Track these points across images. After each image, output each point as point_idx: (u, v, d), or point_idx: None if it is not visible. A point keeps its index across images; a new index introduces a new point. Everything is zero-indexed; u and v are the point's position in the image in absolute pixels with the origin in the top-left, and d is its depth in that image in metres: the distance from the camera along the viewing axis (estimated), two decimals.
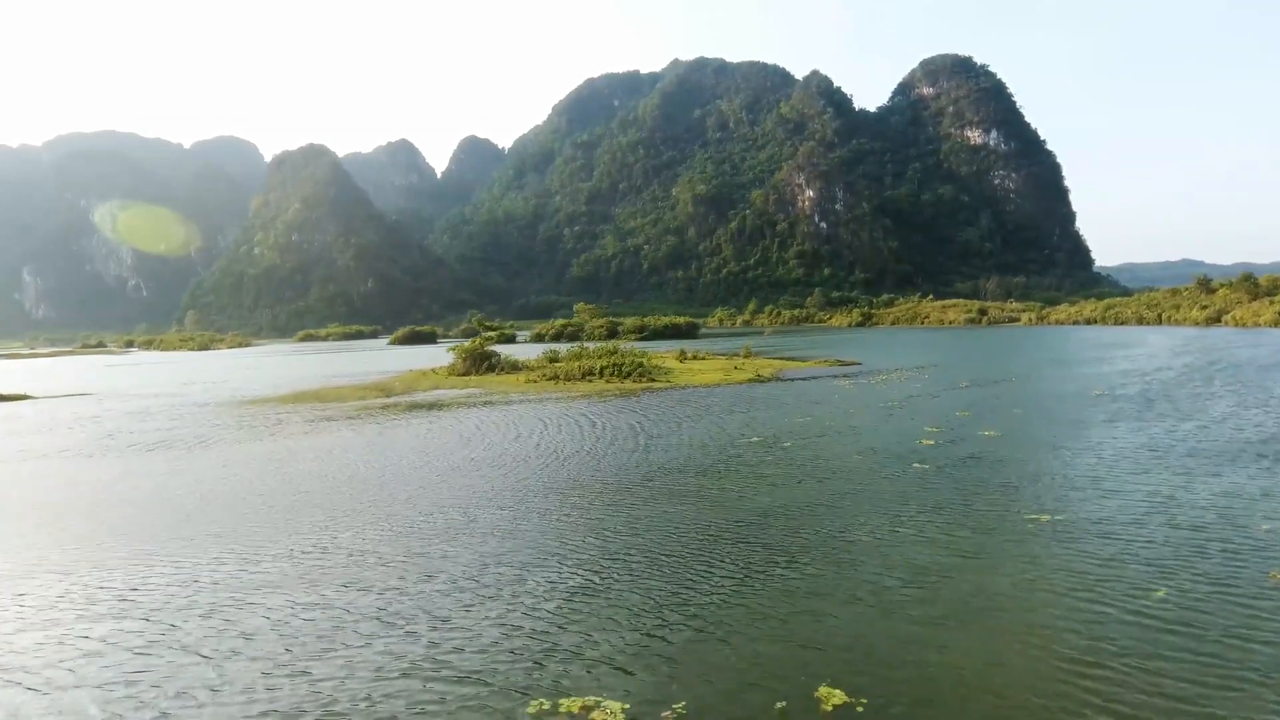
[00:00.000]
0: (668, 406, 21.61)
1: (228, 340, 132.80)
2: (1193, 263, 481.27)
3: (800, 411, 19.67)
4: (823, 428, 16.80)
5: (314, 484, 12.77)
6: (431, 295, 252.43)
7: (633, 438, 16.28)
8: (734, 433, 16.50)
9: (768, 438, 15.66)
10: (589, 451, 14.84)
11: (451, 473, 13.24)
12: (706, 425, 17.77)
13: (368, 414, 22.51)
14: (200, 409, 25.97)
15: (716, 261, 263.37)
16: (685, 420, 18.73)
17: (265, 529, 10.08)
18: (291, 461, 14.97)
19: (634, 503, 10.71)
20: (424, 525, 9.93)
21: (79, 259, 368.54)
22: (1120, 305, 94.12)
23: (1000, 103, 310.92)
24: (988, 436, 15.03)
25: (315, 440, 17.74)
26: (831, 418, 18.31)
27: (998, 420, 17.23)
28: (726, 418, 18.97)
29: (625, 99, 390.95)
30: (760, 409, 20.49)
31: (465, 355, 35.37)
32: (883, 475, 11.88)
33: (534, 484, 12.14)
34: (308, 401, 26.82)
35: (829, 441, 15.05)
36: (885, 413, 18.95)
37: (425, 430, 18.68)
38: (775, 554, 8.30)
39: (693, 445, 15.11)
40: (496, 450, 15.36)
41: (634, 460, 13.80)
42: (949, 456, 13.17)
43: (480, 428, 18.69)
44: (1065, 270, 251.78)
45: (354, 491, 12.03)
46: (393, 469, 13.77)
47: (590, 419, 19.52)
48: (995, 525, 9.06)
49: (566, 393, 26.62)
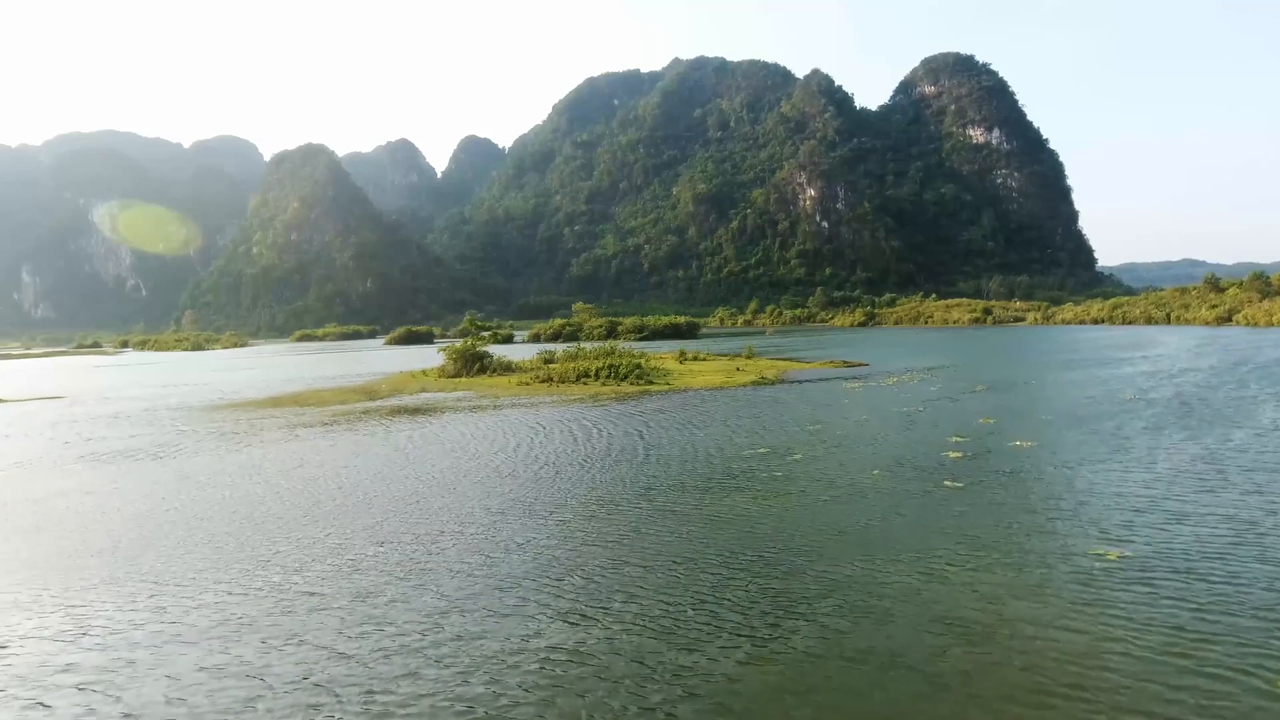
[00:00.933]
0: (666, 411, 20.17)
1: (223, 340, 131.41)
2: (1194, 262, 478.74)
3: (809, 417, 18.22)
4: (835, 436, 15.35)
5: (267, 506, 11.33)
6: (430, 295, 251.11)
7: (627, 448, 14.84)
8: (738, 441, 15.05)
9: (775, 448, 14.21)
10: (577, 464, 13.40)
11: (423, 492, 11.80)
12: (708, 433, 16.32)
13: (346, 420, 21.08)
14: (174, 413, 24.54)
15: (717, 261, 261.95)
16: (684, 427, 17.28)
17: (193, 563, 8.64)
18: (251, 477, 13.53)
19: (625, 531, 9.26)
20: (379, 561, 8.48)
21: (78, 258, 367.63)
22: (1127, 305, 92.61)
23: (1002, 101, 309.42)
24: (1020, 448, 13.57)
25: (284, 450, 16.30)
26: (844, 425, 16.85)
27: (1027, 428, 15.77)
28: (729, 424, 17.52)
29: (626, 98, 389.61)
30: (765, 414, 19.04)
31: (456, 356, 33.95)
32: (910, 496, 10.42)
33: (513, 505, 10.70)
34: (286, 406, 25.38)
35: (844, 453, 13.60)
36: (902, 419, 17.49)
37: (404, 439, 17.25)
38: (793, 601, 6.86)
39: (693, 457, 13.67)
40: (476, 463, 13.93)
41: (626, 475, 12.36)
42: (982, 472, 11.72)
43: (462, 436, 17.26)
44: (1068, 270, 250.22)
45: (310, 516, 10.59)
46: (359, 487, 12.32)
47: (582, 426, 18.09)
48: (1053, 562, 7.61)
49: (560, 396, 25.20)
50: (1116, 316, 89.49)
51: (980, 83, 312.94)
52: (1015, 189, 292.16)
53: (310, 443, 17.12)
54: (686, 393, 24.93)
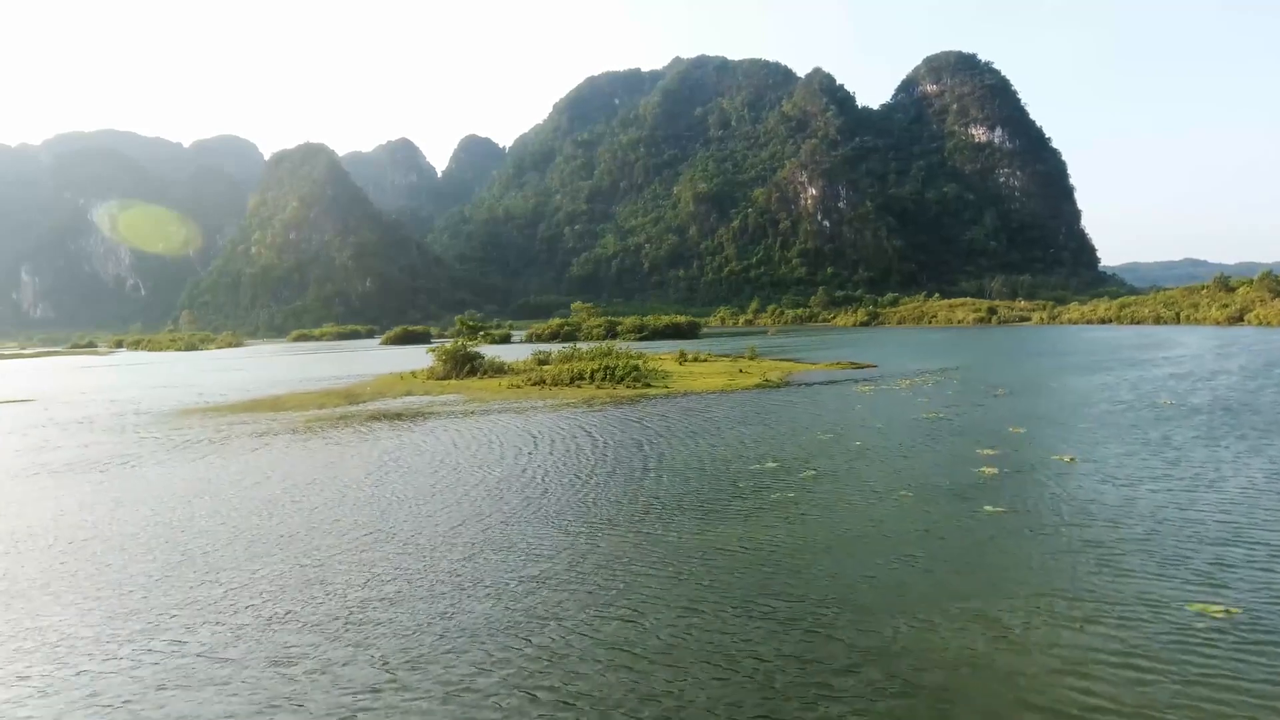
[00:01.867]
0: (664, 418, 18.67)
1: (219, 340, 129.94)
2: (1195, 262, 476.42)
3: (821, 424, 16.71)
4: (852, 448, 13.83)
5: (211, 533, 9.84)
6: (429, 294, 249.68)
7: (620, 461, 13.34)
8: (744, 454, 13.55)
9: (786, 461, 12.71)
10: (563, 482, 11.91)
11: (388, 518, 10.31)
12: (709, 443, 14.81)
13: (321, 427, 19.59)
14: (142, 419, 23.06)
15: (718, 260, 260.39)
16: (684, 437, 15.77)
17: (107, 609, 7.15)
18: (203, 495, 12.05)
19: (614, 571, 7.77)
20: (313, 613, 6.97)
21: (77, 258, 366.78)
22: (1136, 304, 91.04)
23: (1005, 100, 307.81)
24: (1064, 463, 12.05)
25: (245, 463, 14.82)
26: (860, 434, 15.34)
27: (1064, 439, 14.25)
28: (733, 433, 16.01)
29: (626, 97, 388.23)
30: (772, 422, 17.53)
31: (445, 358, 32.45)
32: (948, 524, 8.91)
33: (487, 536, 9.20)
34: (262, 410, 23.89)
35: (864, 468, 12.09)
36: (923, 428, 15.97)
37: (378, 451, 15.75)
38: (821, 672, 5.36)
39: (693, 472, 12.17)
40: (453, 480, 12.44)
41: (617, 495, 10.86)
42: (1025, 493, 10.21)
43: (442, 446, 15.76)
44: (1071, 269, 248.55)
45: (254, 546, 9.09)
46: (315, 511, 10.83)
47: (572, 434, 16.59)
48: (1145, 619, 6.10)
49: (552, 400, 23.70)
50: (1125, 316, 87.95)
51: (983, 81, 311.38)
52: (1018, 188, 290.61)
53: (275, 454, 15.63)
54: (686, 397, 23.43)
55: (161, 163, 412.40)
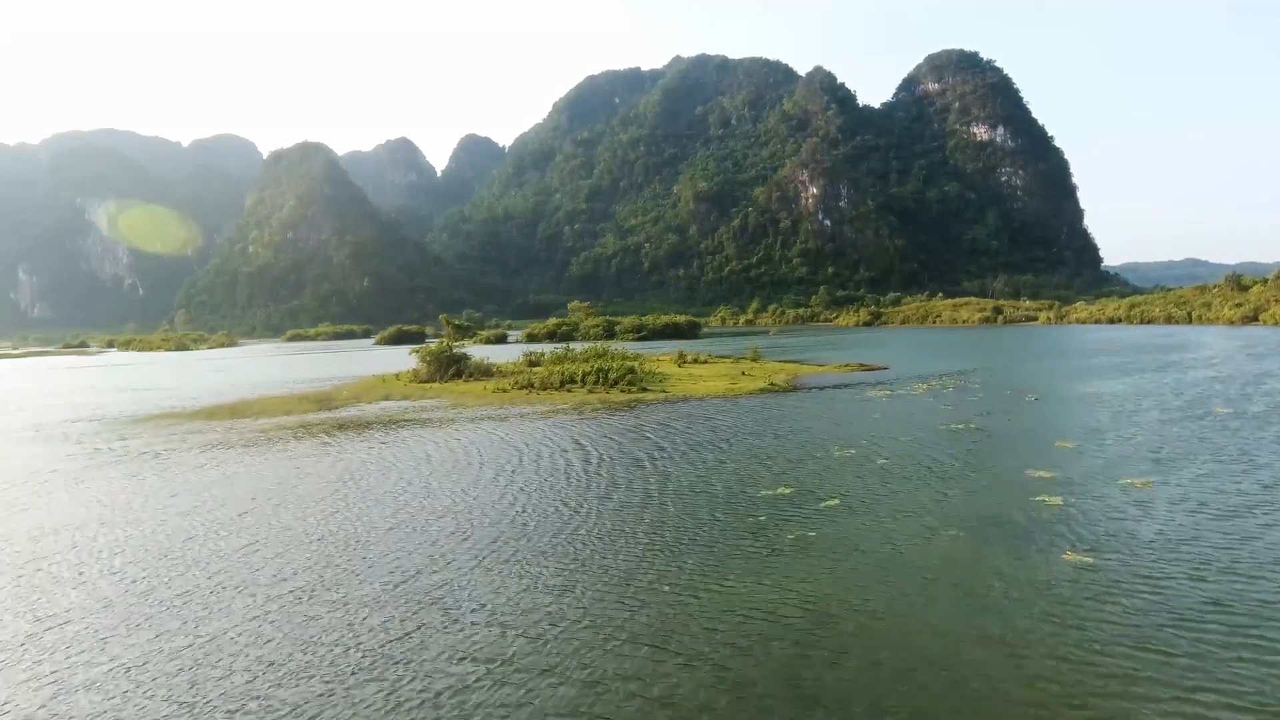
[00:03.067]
0: (661, 428, 16.71)
1: (212, 340, 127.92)
2: (1196, 261, 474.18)
3: (838, 437, 14.73)
4: (878, 469, 11.86)
5: (88, 585, 7.88)
6: (428, 294, 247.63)
7: (605, 486, 11.39)
8: (751, 476, 11.59)
9: (802, 486, 10.74)
10: (540, 512, 9.95)
11: (328, 562, 8.35)
12: (711, 462, 12.84)
13: (282, 437, 17.64)
14: (94, 426, 21.11)
15: (718, 260, 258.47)
16: (682, 453, 13.80)
17: None
18: (107, 527, 10.09)
19: (593, 649, 5.80)
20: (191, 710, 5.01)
21: (75, 257, 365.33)
22: (1146, 304, 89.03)
23: (1007, 98, 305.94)
24: (1137, 489, 10.07)
25: (180, 483, 12.86)
26: (885, 449, 13.36)
27: (1125, 456, 12.27)
28: (738, 448, 14.04)
29: (626, 96, 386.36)
30: (783, 433, 15.56)
31: (430, 359, 30.50)
32: (1026, 583, 6.88)
33: (440, 589, 7.24)
34: (224, 417, 21.92)
35: (897, 496, 10.12)
36: (956, 442, 13.99)
37: (335, 470, 13.80)
38: None
39: (691, 501, 10.21)
40: (416, 507, 10.49)
41: (600, 532, 8.90)
42: (1109, 534, 8.22)
43: (410, 463, 13.80)
44: (1074, 269, 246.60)
45: (132, 612, 7.13)
46: (234, 557, 8.86)
47: (557, 449, 14.63)
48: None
49: (540, 406, 21.74)
50: (1134, 316, 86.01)
51: (984, 80, 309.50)
52: (1020, 187, 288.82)
53: (217, 472, 13.67)
54: (686, 403, 21.46)
55: (160, 162, 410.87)
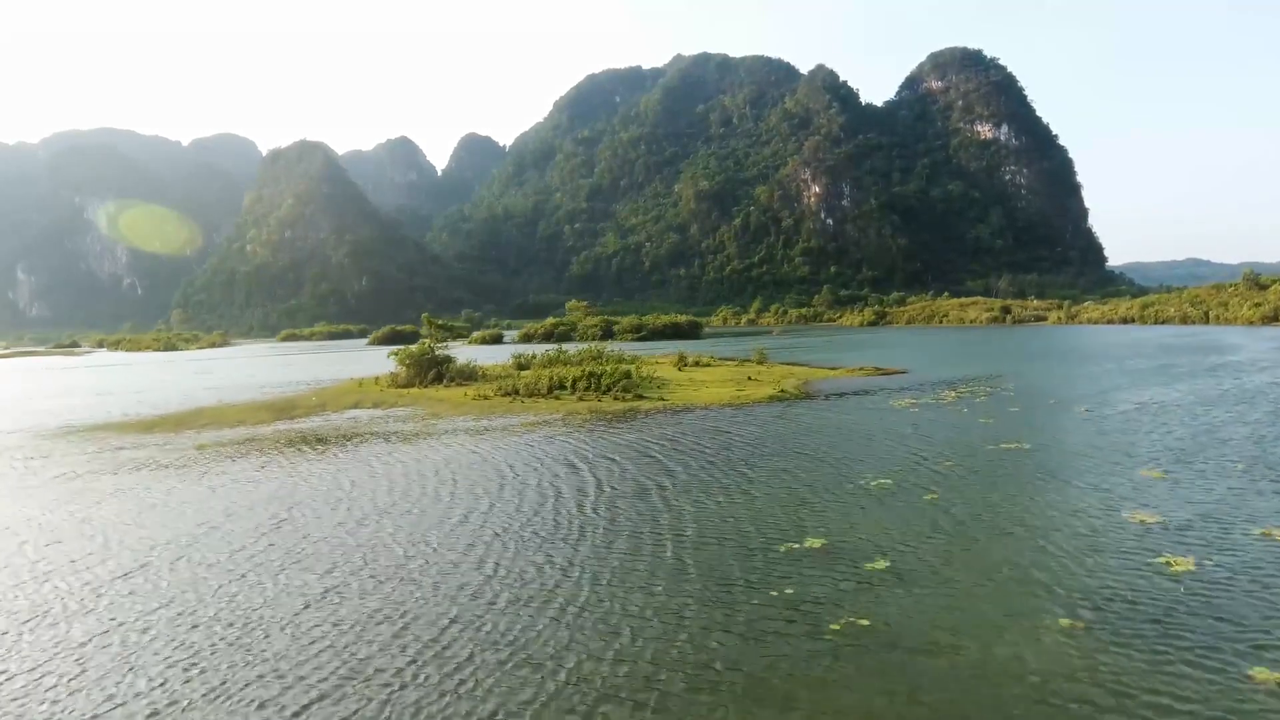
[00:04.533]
0: (655, 446, 14.31)
1: (203, 340, 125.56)
2: (1198, 261, 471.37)
3: (869, 459, 12.33)
4: (929, 510, 9.40)
5: None
6: (427, 294, 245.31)
7: (581, 528, 9.01)
8: (768, 518, 9.18)
9: (836, 536, 8.33)
10: (509, 577, 7.57)
11: (186, 661, 5.96)
12: (716, 496, 10.43)
13: (222, 456, 15.27)
14: (14, 437, 18.77)
15: (720, 259, 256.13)
16: (679, 482, 11.41)
17: None
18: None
19: None
20: None
21: (73, 256, 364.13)
22: (1160, 303, 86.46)
23: (1010, 96, 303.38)
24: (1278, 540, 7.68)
25: (81, 518, 10.50)
26: (931, 480, 10.92)
27: (1240, 491, 9.77)
28: (749, 475, 11.64)
29: (627, 95, 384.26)
30: (803, 453, 13.16)
31: (410, 362, 28.13)
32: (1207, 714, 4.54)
33: (340, 715, 4.86)
34: (166, 429, 19.54)
35: (965, 557, 7.68)
36: (1018, 468, 11.57)
37: (268, 505, 11.42)
38: None
39: (689, 557, 7.82)
40: (337, 568, 8.12)
41: (566, 618, 6.52)
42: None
43: (357, 494, 11.42)
44: (1078, 268, 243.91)
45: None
46: (89, 638, 6.49)
47: (537, 475, 12.25)
48: None
49: (524, 416, 19.36)
50: (1148, 316, 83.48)
51: (988, 77, 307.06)
52: (1024, 186, 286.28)
53: (134, 503, 11.31)
54: (687, 413, 19.06)
55: (160, 161, 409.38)
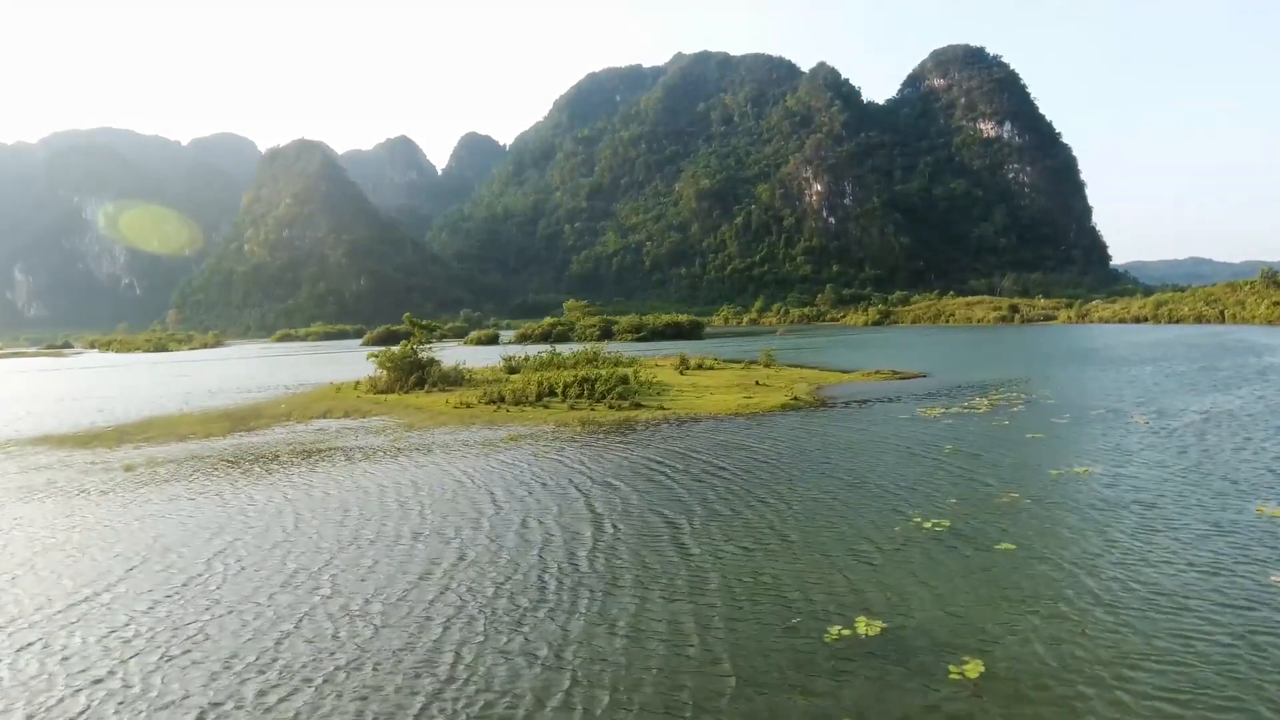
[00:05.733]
0: (661, 469, 12.24)
1: (197, 340, 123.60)
2: (1200, 260, 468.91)
3: (912, 492, 10.25)
4: (1013, 572, 7.28)
5: None
6: (425, 293, 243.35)
7: (574, 593, 6.94)
8: (806, 582, 7.08)
9: (896, 623, 6.17)
10: (451, 667, 5.50)
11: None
12: (742, 546, 8.32)
13: (154, 479, 13.22)
14: None
15: (721, 258, 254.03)
16: (695, 524, 9.32)
17: None
18: None
19: None
20: None
21: (71, 256, 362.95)
22: (1174, 302, 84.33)
23: (1013, 94, 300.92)
24: None
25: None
26: (997, 521, 8.82)
27: None
28: (777, 512, 9.55)
29: (627, 93, 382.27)
30: (831, 481, 11.08)
31: (391, 365, 26.09)
32: None
33: None
34: (106, 443, 17.48)
35: (1084, 651, 5.59)
36: (1103, 505, 9.44)
37: (189, 543, 9.37)
38: None
39: (717, 646, 5.76)
40: (225, 644, 6.05)
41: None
42: None
43: (295, 539, 9.37)
44: (1082, 267, 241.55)
45: None
46: None
47: (512, 504, 10.17)
48: None
49: (509, 427, 17.31)
50: (1162, 315, 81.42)
51: (991, 75, 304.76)
52: (1027, 184, 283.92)
53: (21, 543, 9.26)
54: (691, 423, 17.00)
55: (159, 161, 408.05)
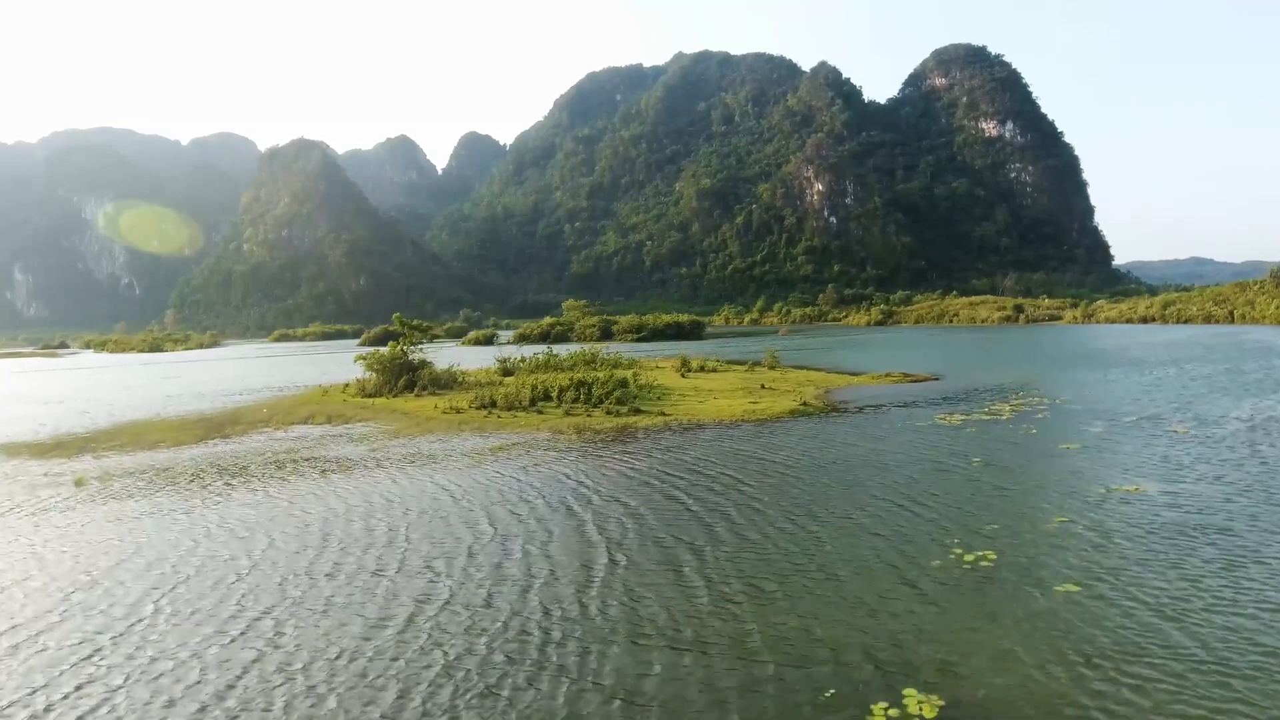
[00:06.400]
0: (668, 483, 11.10)
1: (193, 341, 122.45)
2: (1201, 260, 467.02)
3: (949, 515, 9.09)
4: (1071, 615, 6.12)
5: None
6: (425, 293, 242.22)
7: (581, 655, 5.80)
8: (844, 643, 5.98)
9: (930, 670, 5.05)
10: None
11: None
12: (768, 589, 7.18)
13: (107, 494, 12.09)
14: None
15: (721, 258, 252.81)
16: (718, 551, 8.17)
17: None
18: None
19: None
20: None
21: (71, 256, 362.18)
22: (1182, 301, 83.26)
23: (1016, 93, 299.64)
24: None
25: None
26: (1046, 552, 7.65)
27: None
28: (781, 545, 8.40)
29: (628, 92, 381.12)
30: (855, 501, 9.92)
31: (380, 368, 24.94)
32: None
33: None
34: (68, 453, 16.34)
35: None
36: (1171, 534, 8.27)
37: (128, 578, 8.23)
38: None
39: (702, 710, 4.63)
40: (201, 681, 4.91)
41: None
42: None
43: (237, 564, 8.23)
44: (1085, 267, 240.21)
45: None
46: None
47: (505, 527, 9.03)
48: None
49: (500, 435, 16.17)
50: (1170, 315, 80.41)
51: (993, 74, 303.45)
52: (1029, 183, 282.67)
53: None
54: (696, 431, 15.86)
55: (158, 160, 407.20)
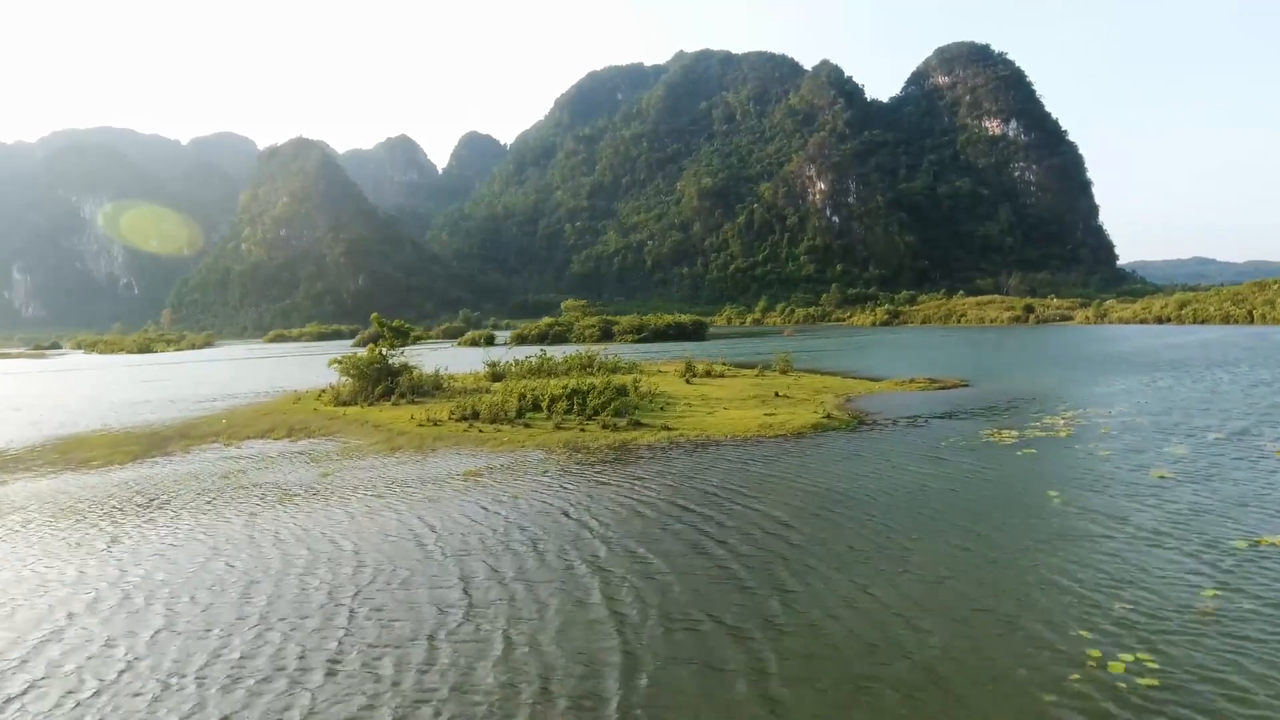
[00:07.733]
0: (674, 528, 8.88)
1: (186, 341, 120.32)
2: (1204, 260, 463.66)
3: (1046, 589, 6.91)
4: None
5: None
6: (424, 293, 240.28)
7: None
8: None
9: None
10: None
11: None
12: (796, 693, 5.05)
13: (15, 521, 9.93)
14: None
15: (723, 258, 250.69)
16: (730, 659, 5.99)
17: None
18: None
19: None
20: None
21: (70, 256, 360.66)
22: (1198, 301, 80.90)
23: (1019, 91, 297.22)
24: None
25: None
26: (1204, 647, 5.51)
27: None
28: (835, 638, 6.22)
29: (629, 92, 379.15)
30: (909, 556, 7.73)
31: (355, 373, 22.76)
32: None
33: None
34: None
35: None
36: None
37: None
38: None
39: None
40: None
41: None
42: None
43: (122, 642, 6.03)
44: (1089, 266, 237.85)
45: None
46: None
47: (486, 586, 6.83)
48: None
49: (479, 453, 13.99)
50: (1186, 315, 78.10)
51: (996, 72, 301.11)
52: (1033, 182, 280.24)
53: None
54: (703, 450, 13.66)
55: (158, 160, 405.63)
